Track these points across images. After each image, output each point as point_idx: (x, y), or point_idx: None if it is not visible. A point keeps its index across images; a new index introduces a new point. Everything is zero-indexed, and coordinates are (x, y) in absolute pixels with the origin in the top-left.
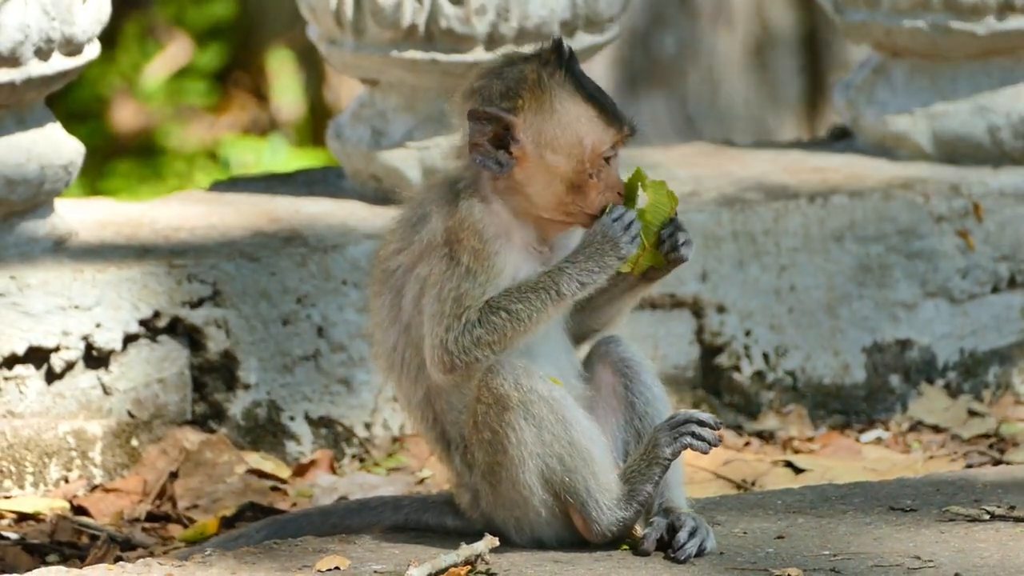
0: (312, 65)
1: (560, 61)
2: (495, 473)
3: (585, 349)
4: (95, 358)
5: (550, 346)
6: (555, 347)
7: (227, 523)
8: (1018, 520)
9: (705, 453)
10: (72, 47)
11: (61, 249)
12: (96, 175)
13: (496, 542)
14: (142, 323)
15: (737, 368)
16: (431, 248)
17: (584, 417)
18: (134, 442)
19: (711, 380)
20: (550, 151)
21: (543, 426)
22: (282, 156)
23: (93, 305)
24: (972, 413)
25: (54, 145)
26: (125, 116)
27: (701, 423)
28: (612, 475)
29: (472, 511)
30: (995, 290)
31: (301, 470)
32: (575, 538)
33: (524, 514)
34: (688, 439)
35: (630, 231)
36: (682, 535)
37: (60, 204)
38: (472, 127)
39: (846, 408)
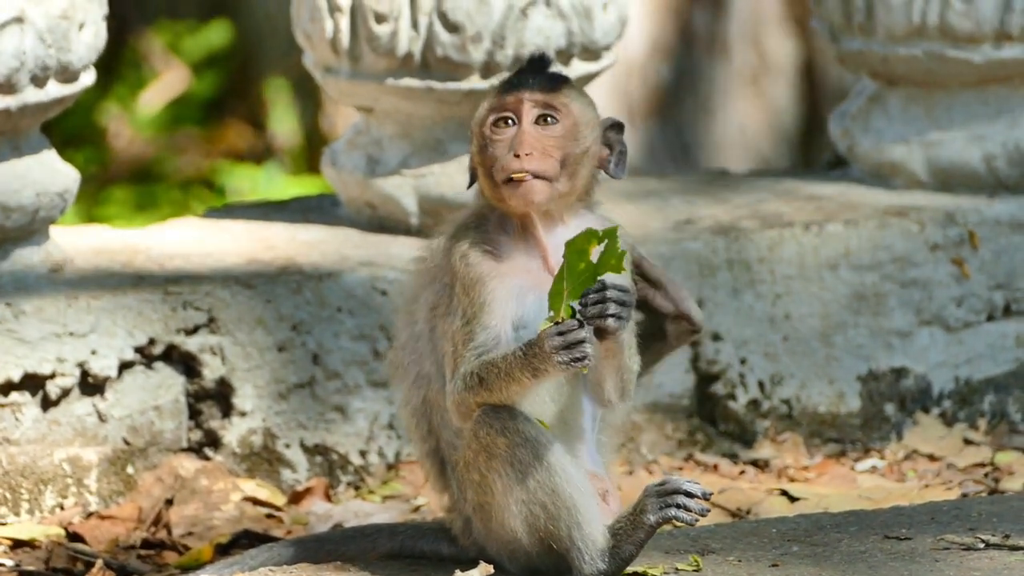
0: (308, 93)
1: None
2: (485, 511)
3: None
4: (90, 385)
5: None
6: (568, 401)
7: (222, 550)
8: (1013, 549)
9: (691, 525)
10: (68, 74)
11: (56, 276)
12: (92, 202)
13: (490, 570)
14: (137, 350)
15: (732, 396)
16: (434, 272)
17: (570, 464)
18: (129, 469)
19: (706, 409)
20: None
21: (528, 472)
22: (278, 183)
23: (88, 332)
24: (967, 442)
25: (49, 172)
26: (121, 143)
27: (689, 494)
28: (598, 526)
29: (465, 538)
30: (990, 318)
31: (296, 497)
32: (569, 569)
33: (517, 548)
34: (673, 511)
35: (572, 352)
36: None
37: (55, 231)
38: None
39: (841, 436)
